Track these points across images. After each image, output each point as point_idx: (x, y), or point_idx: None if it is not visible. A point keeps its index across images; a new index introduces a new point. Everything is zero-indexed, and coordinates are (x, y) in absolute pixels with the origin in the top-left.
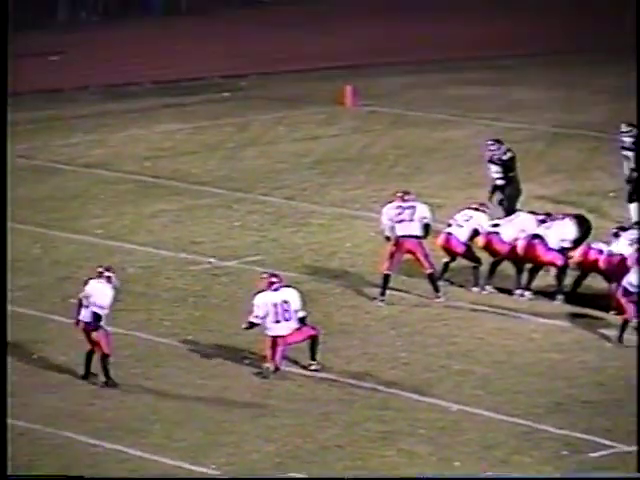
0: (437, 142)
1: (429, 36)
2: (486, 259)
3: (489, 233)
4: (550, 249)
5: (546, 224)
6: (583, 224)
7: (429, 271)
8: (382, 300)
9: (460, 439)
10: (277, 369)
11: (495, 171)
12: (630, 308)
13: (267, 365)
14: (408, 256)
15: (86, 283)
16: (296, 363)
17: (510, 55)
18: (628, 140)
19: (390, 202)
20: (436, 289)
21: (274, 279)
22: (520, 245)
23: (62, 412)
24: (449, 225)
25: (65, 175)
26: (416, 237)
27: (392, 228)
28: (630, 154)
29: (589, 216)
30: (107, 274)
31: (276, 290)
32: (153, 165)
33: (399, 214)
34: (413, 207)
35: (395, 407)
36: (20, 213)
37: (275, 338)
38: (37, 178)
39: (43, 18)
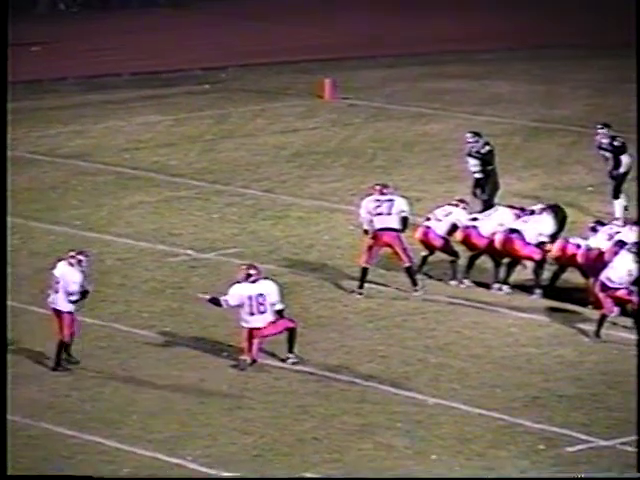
0: (416, 135)
1: (409, 29)
2: (464, 253)
3: (467, 227)
4: (528, 243)
5: (524, 218)
6: (559, 215)
7: (407, 264)
8: (360, 293)
9: (437, 432)
10: (254, 361)
11: (473, 164)
12: (608, 303)
13: (244, 357)
14: (386, 249)
15: (55, 266)
16: (273, 356)
17: (491, 49)
18: (605, 141)
19: (369, 195)
20: (414, 283)
21: (252, 271)
22: (498, 239)
23: (40, 403)
24: (427, 219)
25: (44, 166)
26: (394, 230)
27: (370, 221)
28: (608, 154)
29: (567, 210)
30: (78, 257)
31: (253, 282)
32: (132, 157)
33: (377, 207)
34: (391, 200)
35: (372, 400)
36: None
37: (251, 330)
38: (16, 169)
39: (23, 9)
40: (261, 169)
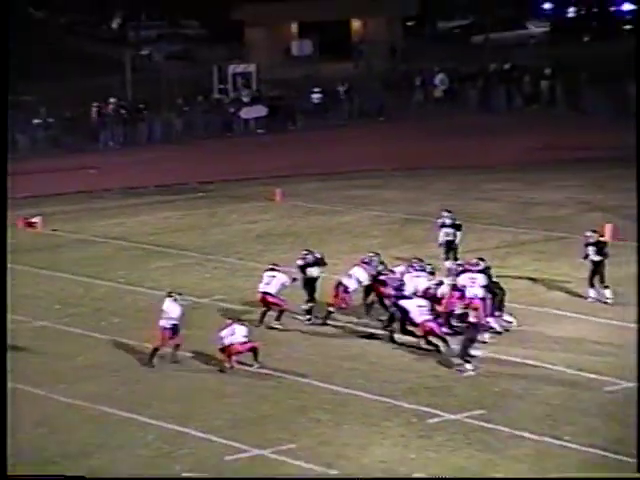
0: (335, 224)
1: (329, 157)
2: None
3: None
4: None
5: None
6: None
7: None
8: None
9: (348, 410)
10: (232, 367)
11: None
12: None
13: (227, 365)
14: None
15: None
16: (244, 364)
17: (380, 169)
18: (448, 222)
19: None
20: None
21: (233, 322)
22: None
23: (100, 394)
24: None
25: (99, 245)
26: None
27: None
28: (449, 230)
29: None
30: (176, 296)
31: (230, 325)
32: (155, 238)
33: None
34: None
35: (307, 390)
36: (71, 268)
37: (229, 347)
38: (81, 247)
39: (87, 145)
40: (235, 245)
